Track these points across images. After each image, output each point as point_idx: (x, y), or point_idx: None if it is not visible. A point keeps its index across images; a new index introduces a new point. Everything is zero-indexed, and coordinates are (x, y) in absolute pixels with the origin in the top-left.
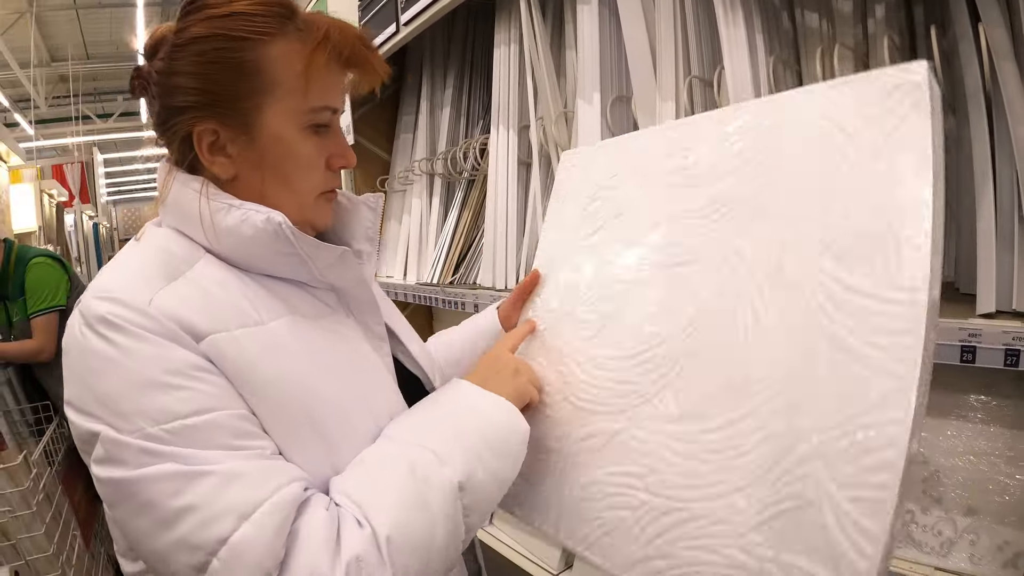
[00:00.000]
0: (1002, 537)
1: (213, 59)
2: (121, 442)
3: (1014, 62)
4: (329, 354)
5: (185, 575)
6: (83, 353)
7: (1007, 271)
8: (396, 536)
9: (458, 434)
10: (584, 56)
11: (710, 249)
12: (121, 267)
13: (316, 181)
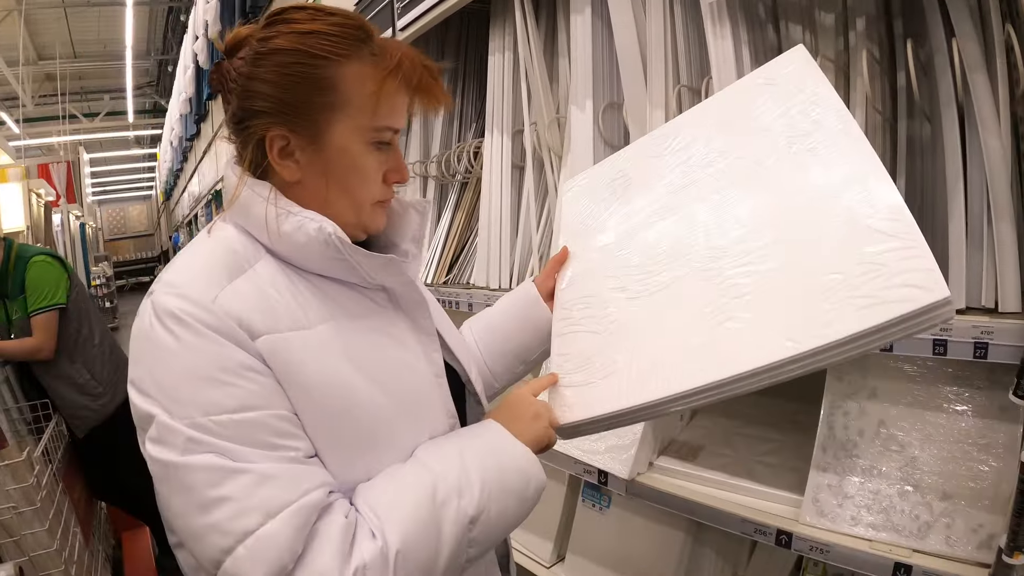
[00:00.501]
0: (976, 520)
1: (293, 72)
2: (172, 427)
3: (985, 74)
4: (375, 359)
5: (212, 554)
6: (150, 342)
7: (976, 270)
8: (405, 552)
9: (481, 472)
10: (577, 64)
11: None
12: (191, 262)
13: (373, 192)
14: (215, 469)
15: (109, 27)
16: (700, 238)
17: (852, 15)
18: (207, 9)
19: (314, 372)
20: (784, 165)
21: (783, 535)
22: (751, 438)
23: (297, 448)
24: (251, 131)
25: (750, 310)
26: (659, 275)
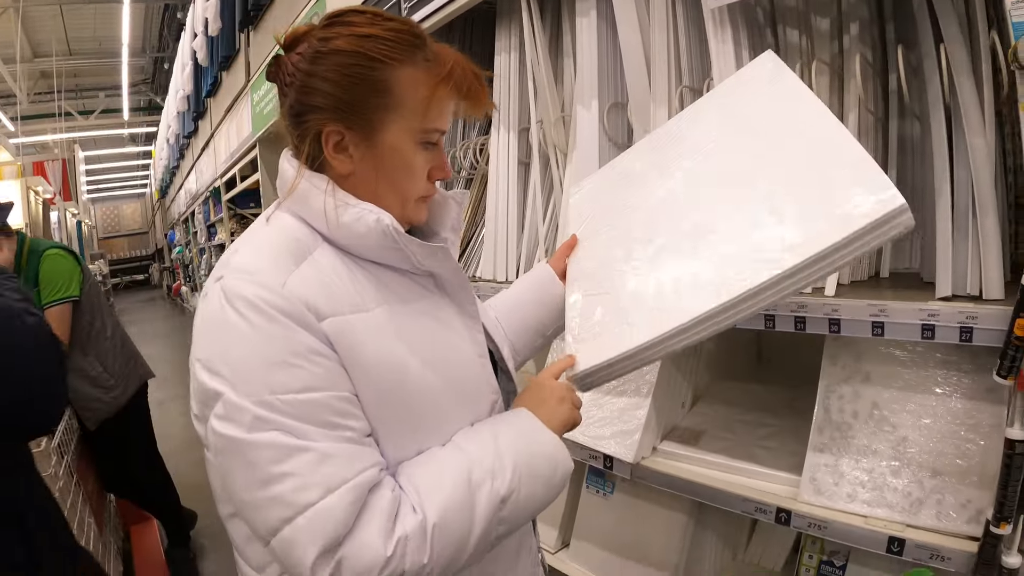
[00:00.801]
0: (965, 496)
1: (351, 73)
2: (240, 405)
3: (971, 77)
4: (425, 341)
5: (272, 523)
6: (221, 324)
7: (962, 260)
8: (441, 526)
9: (513, 456)
10: (583, 64)
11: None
12: (257, 249)
13: (419, 187)
14: (280, 446)
15: (105, 24)
16: (691, 203)
17: (846, 20)
18: (207, 7)
19: (373, 353)
20: (762, 141)
21: (782, 513)
22: (750, 423)
23: (355, 428)
24: (308, 125)
25: (734, 242)
26: (656, 240)
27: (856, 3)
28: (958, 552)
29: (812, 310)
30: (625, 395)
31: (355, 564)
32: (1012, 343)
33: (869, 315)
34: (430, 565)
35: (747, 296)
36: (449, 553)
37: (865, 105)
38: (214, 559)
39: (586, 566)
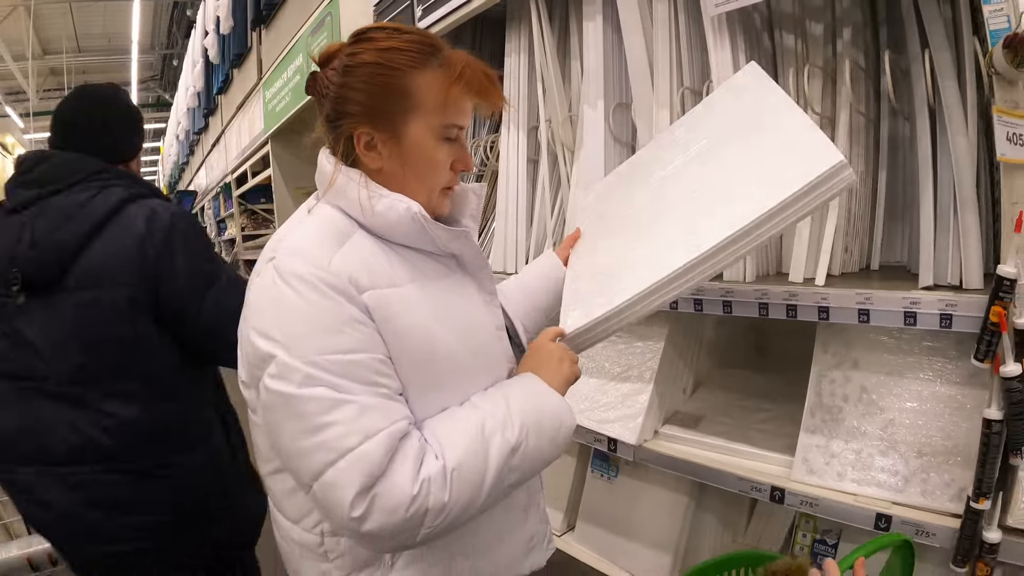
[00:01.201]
0: (949, 475)
1: (375, 81)
2: (292, 365)
3: (955, 80)
4: (449, 314)
5: (316, 467)
6: (275, 297)
7: (944, 252)
8: (459, 470)
9: (522, 413)
10: (589, 66)
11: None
12: (305, 234)
13: (442, 178)
14: (326, 399)
15: (114, 21)
16: (675, 192)
17: (840, 25)
18: (219, 5)
19: (405, 322)
20: (739, 135)
21: (776, 491)
22: (748, 408)
23: (390, 386)
24: (342, 129)
25: (704, 215)
26: (642, 224)
27: (850, 8)
28: (942, 528)
29: (803, 298)
30: (629, 381)
31: (386, 502)
32: (988, 329)
33: (855, 303)
34: (450, 504)
35: (714, 251)
36: (467, 494)
37: (855, 107)
38: None
39: (591, 548)
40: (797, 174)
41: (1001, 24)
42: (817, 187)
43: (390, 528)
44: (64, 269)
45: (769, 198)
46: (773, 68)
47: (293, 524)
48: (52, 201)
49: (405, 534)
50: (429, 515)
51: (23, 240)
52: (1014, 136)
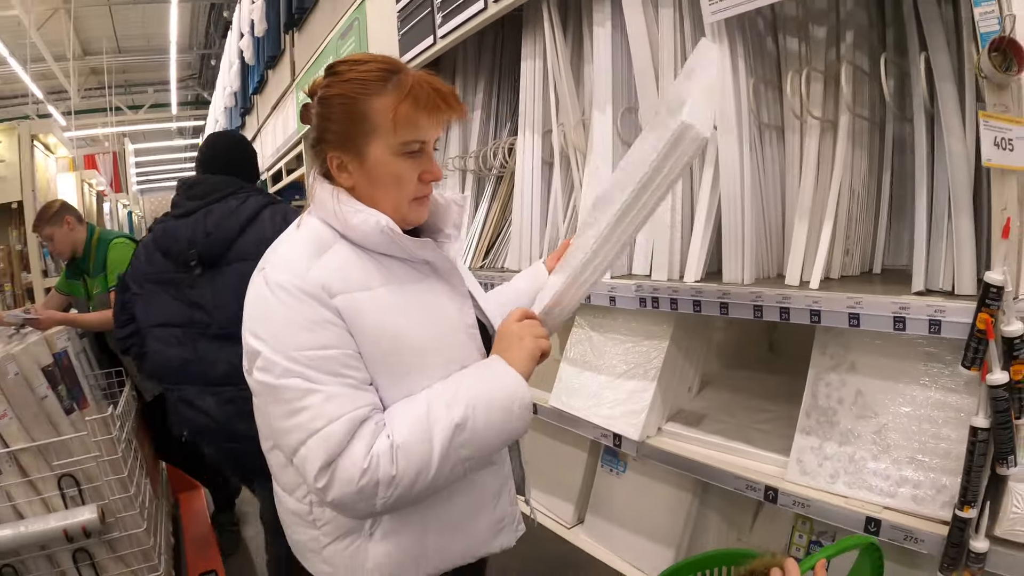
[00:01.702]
0: (941, 482)
1: (339, 110)
2: (273, 359)
3: (954, 84)
4: (420, 313)
5: (293, 444)
6: (263, 302)
7: (937, 257)
8: (403, 446)
9: (469, 391)
10: (599, 72)
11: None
12: (290, 246)
13: (408, 191)
14: (300, 389)
15: (153, 22)
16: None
17: (843, 28)
18: (253, 8)
19: (374, 320)
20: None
21: (770, 491)
22: (750, 409)
23: (356, 377)
24: (320, 152)
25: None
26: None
27: (854, 10)
28: (931, 535)
29: (795, 301)
30: (634, 378)
31: (343, 473)
32: (975, 335)
33: (846, 307)
34: (399, 476)
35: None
36: (414, 467)
37: (856, 110)
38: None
39: (599, 541)
40: (656, 144)
41: (991, 26)
42: (668, 155)
43: (349, 497)
44: (227, 250)
45: (637, 170)
46: (776, 71)
47: (287, 495)
48: (214, 207)
49: (363, 503)
50: (380, 486)
51: (198, 232)
52: (1002, 141)
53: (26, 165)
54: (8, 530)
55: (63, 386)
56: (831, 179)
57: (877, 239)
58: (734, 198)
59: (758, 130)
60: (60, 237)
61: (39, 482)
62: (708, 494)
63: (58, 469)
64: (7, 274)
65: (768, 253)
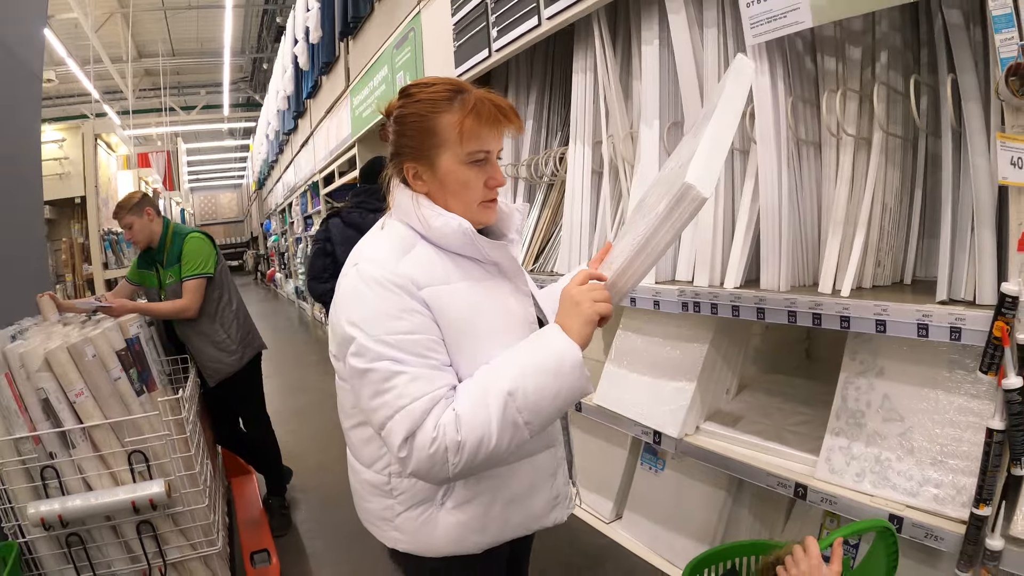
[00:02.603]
0: (961, 483)
1: (412, 128)
2: (366, 344)
3: (980, 103)
4: (490, 306)
5: (381, 419)
6: (357, 294)
7: (960, 268)
8: (462, 415)
9: (520, 360)
10: (646, 87)
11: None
12: (380, 245)
13: (476, 195)
14: (388, 371)
15: (206, 27)
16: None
17: (878, 48)
18: (308, 16)
19: (454, 310)
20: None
21: (800, 488)
22: (786, 411)
23: (438, 359)
24: (398, 164)
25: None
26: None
27: (888, 31)
28: (950, 533)
29: (827, 308)
30: (675, 380)
31: (419, 443)
32: (991, 342)
33: (873, 314)
34: (463, 442)
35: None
36: (476, 434)
37: (886, 128)
38: (304, 509)
39: (636, 536)
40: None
41: (1011, 52)
42: (669, 215)
43: (425, 464)
44: None
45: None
46: (815, 89)
47: (366, 468)
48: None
49: (437, 467)
50: (449, 452)
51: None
52: (1018, 160)
53: (89, 162)
54: (79, 500)
55: (134, 369)
56: (864, 193)
57: (908, 251)
58: (772, 209)
59: (796, 146)
60: (139, 226)
61: (110, 457)
62: (742, 493)
63: (129, 446)
64: (69, 265)
65: (804, 262)
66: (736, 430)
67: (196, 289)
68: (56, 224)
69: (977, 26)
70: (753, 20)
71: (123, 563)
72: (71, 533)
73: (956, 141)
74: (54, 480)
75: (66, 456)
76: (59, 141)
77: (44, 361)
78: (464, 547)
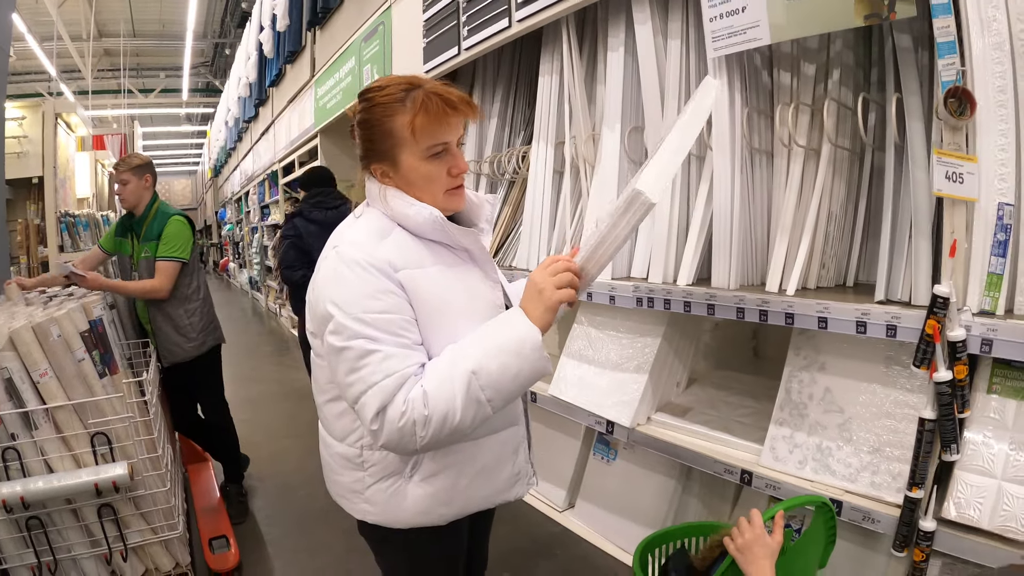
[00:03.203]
0: (896, 470)
1: (372, 131)
2: (343, 323)
3: (922, 121)
4: (461, 285)
5: (355, 394)
6: (336, 275)
7: (898, 271)
8: (430, 392)
9: (483, 341)
10: (610, 92)
11: None
12: (359, 229)
13: (441, 185)
14: (363, 349)
15: (170, 8)
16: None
17: (831, 66)
18: (276, 3)
19: (427, 292)
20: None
21: (746, 474)
22: (732, 404)
23: (410, 338)
24: (366, 163)
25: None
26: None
27: (842, 50)
28: (885, 515)
29: (773, 305)
30: (628, 371)
31: (390, 417)
32: (924, 339)
33: (816, 311)
34: (429, 415)
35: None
36: (441, 408)
37: (834, 141)
38: (261, 496)
39: (588, 524)
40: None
41: (951, 76)
42: (624, 215)
43: (395, 436)
44: None
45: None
46: (770, 101)
47: (338, 441)
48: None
49: (406, 439)
50: (416, 425)
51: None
52: (953, 175)
53: (48, 143)
54: (41, 482)
55: (97, 351)
56: (811, 201)
57: (852, 256)
58: (724, 213)
59: (749, 154)
60: (133, 187)
61: (72, 439)
62: (691, 482)
63: (92, 428)
64: (24, 247)
65: (753, 263)
66: (686, 420)
67: (169, 271)
68: (12, 204)
69: (925, 50)
70: (715, 35)
71: (83, 547)
72: (31, 516)
73: (899, 156)
74: (15, 462)
75: (28, 437)
76: (19, 119)
77: (8, 340)
78: (430, 519)
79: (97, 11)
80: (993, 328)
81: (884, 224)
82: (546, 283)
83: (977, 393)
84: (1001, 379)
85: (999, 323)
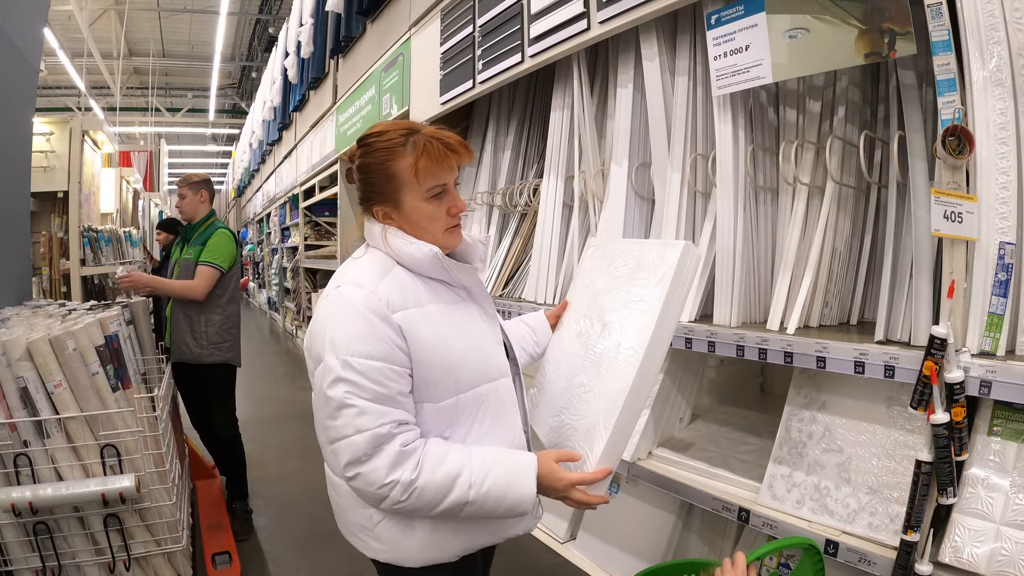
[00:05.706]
0: (894, 512)
1: (374, 175)
2: (331, 365)
3: (924, 160)
4: (460, 327)
5: (328, 440)
6: (333, 316)
7: (898, 311)
8: (420, 489)
9: (493, 484)
10: (618, 128)
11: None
12: (361, 270)
13: (441, 224)
14: (339, 401)
15: (199, 31)
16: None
17: (837, 103)
18: (301, 31)
19: (425, 332)
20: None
21: (743, 512)
22: (735, 441)
23: (391, 388)
24: (367, 206)
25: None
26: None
27: (848, 87)
28: (882, 558)
29: (772, 344)
30: None
31: (365, 478)
32: (921, 380)
33: (814, 350)
34: (404, 505)
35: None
36: (421, 504)
37: (839, 179)
38: (266, 516)
39: (589, 556)
40: (662, 272)
41: (950, 114)
42: (680, 272)
43: (364, 494)
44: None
45: (656, 298)
46: (776, 139)
47: (338, 476)
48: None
49: (372, 501)
50: (388, 501)
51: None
52: (951, 214)
53: (75, 158)
54: (50, 489)
55: (111, 366)
56: (814, 238)
57: (856, 294)
58: (727, 250)
59: (754, 191)
60: (189, 200)
61: (83, 449)
62: (691, 518)
63: (102, 439)
64: (46, 259)
65: (756, 300)
66: (687, 456)
67: (208, 276)
68: (36, 217)
69: (929, 87)
70: (719, 73)
71: (88, 554)
72: (39, 522)
73: (901, 194)
74: (27, 468)
75: (40, 445)
76: (47, 134)
77: (26, 351)
78: (441, 554)
79: (128, 30)
80: (992, 370)
81: (885, 263)
82: (575, 495)
83: (978, 435)
84: (1002, 421)
85: (998, 364)
